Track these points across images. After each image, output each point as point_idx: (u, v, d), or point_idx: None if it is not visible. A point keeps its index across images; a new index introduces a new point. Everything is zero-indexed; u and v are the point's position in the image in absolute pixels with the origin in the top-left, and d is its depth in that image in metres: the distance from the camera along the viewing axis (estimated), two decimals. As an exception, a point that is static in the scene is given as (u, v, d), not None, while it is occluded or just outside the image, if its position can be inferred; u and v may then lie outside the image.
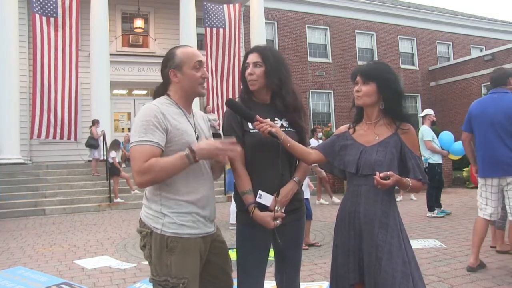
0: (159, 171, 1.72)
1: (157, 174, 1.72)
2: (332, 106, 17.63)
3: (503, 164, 3.61)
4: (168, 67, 1.91)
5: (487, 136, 3.72)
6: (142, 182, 1.74)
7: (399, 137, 2.02)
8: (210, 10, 13.15)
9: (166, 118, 1.80)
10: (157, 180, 1.76)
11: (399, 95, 2.04)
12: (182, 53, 1.90)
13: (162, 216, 1.80)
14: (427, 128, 7.25)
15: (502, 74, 3.81)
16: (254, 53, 2.06)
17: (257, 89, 2.06)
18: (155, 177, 1.73)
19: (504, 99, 3.69)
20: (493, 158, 3.67)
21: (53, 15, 11.53)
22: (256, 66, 2.03)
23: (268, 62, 2.03)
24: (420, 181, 1.99)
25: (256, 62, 2.03)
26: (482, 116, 3.77)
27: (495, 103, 3.71)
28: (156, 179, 1.75)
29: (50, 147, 12.58)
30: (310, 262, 4.37)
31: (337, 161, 2.11)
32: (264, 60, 2.03)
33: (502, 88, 3.77)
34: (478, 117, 3.82)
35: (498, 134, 3.63)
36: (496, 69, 3.99)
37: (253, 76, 2.03)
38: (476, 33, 21.38)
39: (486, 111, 3.75)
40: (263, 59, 2.03)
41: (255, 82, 2.04)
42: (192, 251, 1.81)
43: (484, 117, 3.75)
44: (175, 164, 1.73)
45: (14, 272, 4.38)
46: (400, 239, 1.97)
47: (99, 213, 9.04)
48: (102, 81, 11.77)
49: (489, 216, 3.77)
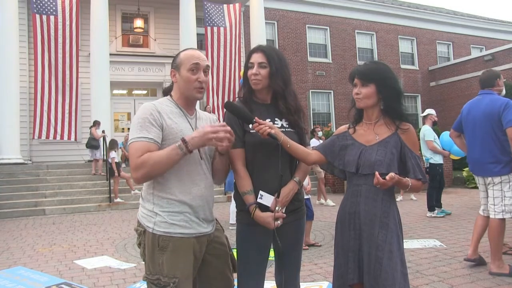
0: (153, 165, 1.73)
1: (151, 167, 1.73)
2: (332, 106, 17.63)
3: (483, 164, 3.74)
4: (171, 66, 1.96)
5: (471, 137, 3.88)
6: (137, 177, 1.77)
7: (399, 137, 2.01)
8: (210, 10, 13.14)
9: (161, 116, 1.82)
10: (152, 174, 1.77)
11: (398, 94, 2.04)
12: (183, 54, 1.93)
13: (154, 215, 1.82)
14: (428, 128, 7.23)
15: (489, 76, 3.91)
16: (259, 53, 2.05)
17: (259, 89, 2.06)
18: (150, 171, 1.74)
19: (485, 100, 3.79)
20: (476, 159, 3.83)
21: (53, 13, 11.53)
22: (261, 67, 2.02)
23: (273, 63, 2.02)
24: (420, 181, 1.99)
25: (261, 62, 2.02)
26: (468, 118, 3.91)
27: (479, 104, 3.83)
28: (151, 172, 1.76)
29: (50, 147, 12.58)
30: (310, 262, 4.37)
31: (337, 161, 2.10)
32: (269, 61, 2.02)
33: (489, 89, 3.86)
34: (465, 118, 3.95)
35: (480, 135, 3.76)
36: (485, 71, 4.08)
37: (258, 76, 2.02)
38: (476, 33, 21.38)
39: (471, 113, 3.89)
40: (268, 60, 2.02)
41: (259, 82, 2.03)
42: (183, 251, 1.81)
43: (470, 118, 3.89)
44: (168, 155, 1.74)
45: (14, 272, 4.38)
46: (399, 239, 1.98)
47: (99, 213, 9.05)
48: (102, 81, 11.76)
49: (482, 212, 3.90)
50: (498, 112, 3.61)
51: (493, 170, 3.65)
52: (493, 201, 3.68)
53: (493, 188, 3.68)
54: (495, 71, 4.03)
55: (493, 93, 3.84)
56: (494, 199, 3.67)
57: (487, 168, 3.70)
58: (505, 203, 3.59)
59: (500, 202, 3.61)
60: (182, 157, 1.76)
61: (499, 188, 3.63)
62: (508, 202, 3.59)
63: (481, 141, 3.75)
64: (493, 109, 3.66)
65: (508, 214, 3.59)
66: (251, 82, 2.05)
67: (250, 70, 2.05)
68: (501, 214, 3.60)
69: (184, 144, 1.74)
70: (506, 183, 3.62)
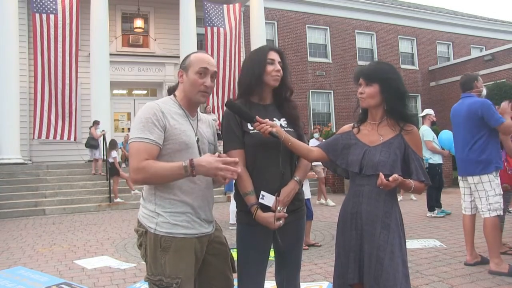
0: (153, 174, 1.73)
1: (150, 176, 1.74)
2: (332, 106, 17.63)
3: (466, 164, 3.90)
4: (180, 67, 1.96)
5: (455, 138, 4.10)
6: (135, 179, 1.77)
7: (403, 138, 2.01)
8: (210, 10, 13.15)
9: (165, 117, 1.81)
10: (150, 181, 1.79)
11: (402, 95, 2.03)
12: (194, 57, 1.92)
13: (156, 216, 1.81)
14: (427, 128, 7.24)
15: (467, 79, 4.11)
16: (276, 53, 2.09)
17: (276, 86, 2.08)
18: (148, 178, 1.75)
19: (465, 103, 3.97)
20: (458, 159, 4.03)
21: (53, 12, 11.53)
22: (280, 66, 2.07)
23: (285, 66, 2.10)
24: (422, 183, 1.98)
25: (279, 62, 2.07)
26: (452, 120, 4.13)
27: (461, 108, 4.02)
28: (150, 180, 1.78)
29: (50, 147, 12.58)
30: (310, 262, 4.37)
31: (339, 160, 2.10)
32: (284, 63, 2.09)
33: (469, 92, 4.04)
34: (451, 120, 4.15)
35: (462, 136, 3.95)
36: (463, 75, 4.29)
37: (279, 72, 2.06)
38: (476, 33, 21.38)
39: (454, 116, 4.10)
40: (283, 62, 2.09)
41: (279, 79, 2.07)
42: (186, 251, 1.81)
43: (453, 121, 4.11)
44: (171, 171, 1.73)
45: (14, 272, 4.38)
46: (401, 240, 1.97)
47: (99, 213, 9.04)
48: (102, 81, 11.77)
49: (464, 211, 4.06)
50: (476, 113, 3.78)
51: (475, 170, 3.79)
52: (479, 201, 3.81)
53: (477, 188, 3.81)
54: (472, 74, 4.27)
55: (473, 95, 4.00)
56: (480, 199, 3.80)
57: (470, 168, 3.84)
58: (489, 202, 3.72)
59: (486, 201, 3.75)
60: (183, 177, 1.75)
61: (482, 188, 3.77)
62: (492, 200, 3.72)
63: (464, 142, 3.91)
64: (471, 111, 3.84)
65: (494, 212, 3.71)
66: (273, 78, 2.05)
67: (270, 66, 2.04)
68: (488, 213, 3.73)
69: (191, 168, 1.71)
70: (487, 183, 3.74)
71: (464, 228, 4.09)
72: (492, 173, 3.74)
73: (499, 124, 3.70)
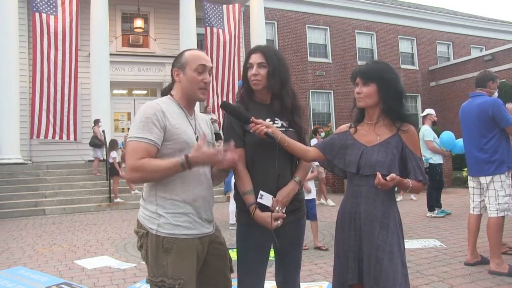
0: (150, 172, 1.73)
1: (147, 174, 1.74)
2: (332, 106, 17.62)
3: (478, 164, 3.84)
4: (174, 66, 1.94)
5: (464, 138, 4.03)
6: (131, 178, 1.78)
7: (400, 138, 2.00)
8: (210, 9, 13.14)
9: (165, 117, 1.81)
10: (146, 179, 1.79)
11: (399, 95, 2.02)
12: (189, 54, 1.92)
13: (157, 217, 1.81)
14: (428, 128, 7.24)
15: (483, 76, 4.01)
16: (258, 53, 2.05)
17: (260, 89, 2.06)
18: (145, 176, 1.76)
19: (475, 102, 3.90)
20: (469, 159, 3.97)
21: (53, 12, 11.53)
22: (260, 67, 2.02)
23: (271, 63, 2.03)
24: (420, 182, 1.98)
25: (260, 62, 2.02)
26: (461, 119, 4.06)
27: (469, 106, 3.96)
28: (146, 179, 1.78)
29: (50, 147, 12.58)
30: (310, 262, 4.37)
31: (336, 160, 2.10)
32: (268, 61, 2.02)
33: (480, 90, 3.96)
34: (460, 119, 4.08)
35: (471, 136, 3.90)
36: (482, 71, 4.18)
37: (258, 76, 2.02)
38: (476, 33, 21.37)
39: (463, 114, 4.03)
40: (267, 60, 2.02)
41: (259, 83, 2.03)
42: (188, 252, 1.81)
43: (462, 120, 4.04)
44: (168, 168, 1.74)
45: (14, 272, 4.38)
46: (400, 240, 1.97)
47: (99, 213, 9.04)
48: (102, 81, 11.76)
49: (473, 211, 4.01)
50: (487, 112, 3.73)
51: (488, 171, 3.75)
52: (488, 200, 3.78)
53: (488, 188, 3.78)
54: (491, 73, 4.10)
55: (482, 94, 3.93)
56: (489, 198, 3.78)
57: (482, 169, 3.80)
58: (498, 202, 3.71)
59: (495, 201, 3.72)
60: (180, 172, 1.76)
61: (493, 187, 3.74)
62: (501, 201, 3.70)
63: (472, 142, 3.87)
64: (481, 110, 3.78)
65: (502, 213, 3.70)
66: (251, 83, 2.04)
67: (249, 70, 2.05)
68: (496, 213, 3.72)
69: (187, 162, 1.72)
70: (498, 183, 3.72)
71: (468, 227, 4.06)
72: (504, 173, 3.71)
73: (509, 125, 3.64)
